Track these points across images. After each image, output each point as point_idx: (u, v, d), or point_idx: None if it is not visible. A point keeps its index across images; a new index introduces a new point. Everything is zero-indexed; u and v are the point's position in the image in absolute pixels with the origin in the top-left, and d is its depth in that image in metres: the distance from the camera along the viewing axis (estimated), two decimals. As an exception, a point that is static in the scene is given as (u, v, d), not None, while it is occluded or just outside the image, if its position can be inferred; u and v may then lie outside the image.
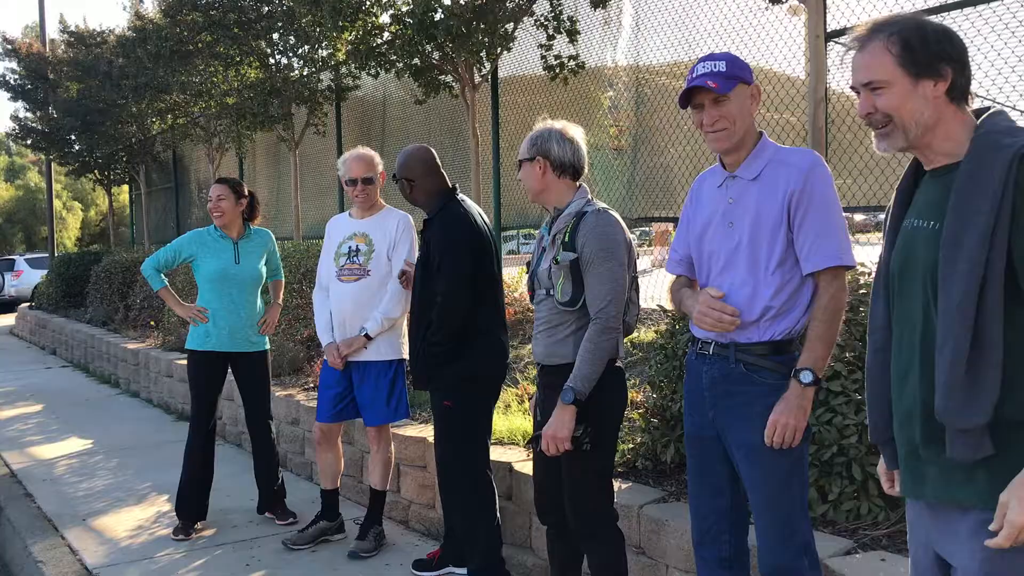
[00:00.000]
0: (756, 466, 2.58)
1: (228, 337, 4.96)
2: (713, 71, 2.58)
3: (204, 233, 5.09)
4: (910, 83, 1.84)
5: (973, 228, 1.73)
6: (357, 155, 4.52)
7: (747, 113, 2.61)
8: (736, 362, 2.60)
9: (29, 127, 17.37)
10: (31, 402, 9.42)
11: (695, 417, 2.75)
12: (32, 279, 22.01)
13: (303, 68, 10.12)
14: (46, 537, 5.03)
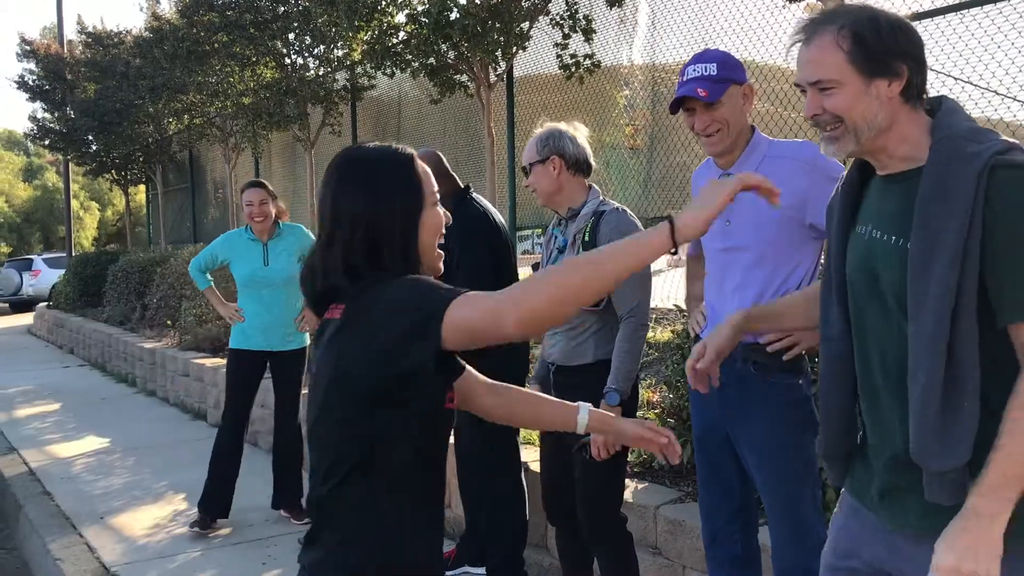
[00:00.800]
0: (768, 467, 2.55)
1: (263, 336, 5.01)
2: (704, 75, 2.53)
3: (235, 236, 5.15)
4: (862, 83, 1.66)
5: (942, 249, 1.56)
6: None
7: (740, 114, 2.56)
8: (745, 362, 2.55)
9: (47, 127, 17.49)
10: (49, 401, 9.48)
11: (703, 417, 2.73)
12: (50, 278, 22.16)
13: (319, 68, 10.15)
14: (64, 535, 5.06)
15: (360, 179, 1.73)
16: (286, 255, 5.07)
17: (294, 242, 5.14)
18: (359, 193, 1.71)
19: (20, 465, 6.70)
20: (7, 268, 25.33)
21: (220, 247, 5.15)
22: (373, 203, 1.70)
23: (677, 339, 4.39)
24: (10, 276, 24.51)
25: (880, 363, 1.73)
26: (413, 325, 1.58)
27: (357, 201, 1.71)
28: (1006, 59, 4.32)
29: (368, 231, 1.69)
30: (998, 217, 1.55)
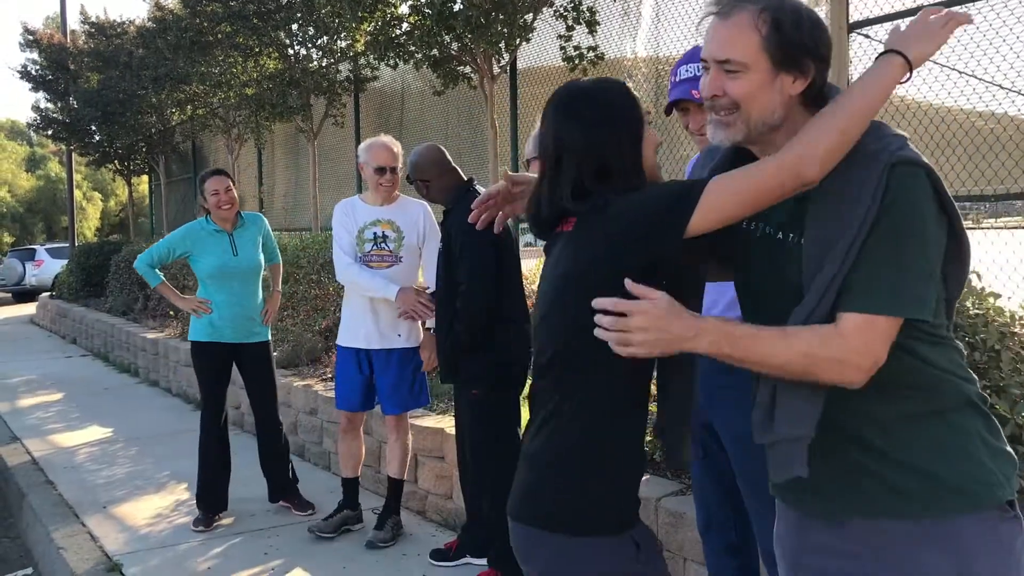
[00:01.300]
0: (748, 456, 2.54)
1: (231, 329, 4.94)
2: (697, 75, 2.50)
3: (197, 228, 4.99)
4: (770, 72, 1.58)
5: (839, 247, 1.53)
6: (384, 143, 4.50)
7: None
8: None
9: (50, 117, 17.49)
10: (52, 390, 9.50)
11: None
12: (53, 269, 22.20)
13: (322, 59, 10.13)
14: (67, 524, 5.07)
15: (588, 110, 1.84)
16: (252, 244, 5.03)
17: (256, 231, 5.09)
18: (588, 124, 1.83)
19: (23, 454, 6.72)
20: (10, 258, 25.38)
21: (180, 240, 4.98)
22: (605, 131, 1.83)
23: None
24: (13, 266, 24.56)
25: None
26: (669, 208, 1.69)
27: (587, 131, 1.83)
28: (1011, 52, 4.31)
29: (600, 157, 1.82)
30: (885, 211, 1.52)
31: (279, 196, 13.04)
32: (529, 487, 1.88)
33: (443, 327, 3.92)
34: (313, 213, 10.77)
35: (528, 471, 1.89)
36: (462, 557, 4.25)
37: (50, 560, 4.71)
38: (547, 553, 1.84)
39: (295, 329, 7.57)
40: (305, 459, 6.33)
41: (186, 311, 5.05)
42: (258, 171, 13.26)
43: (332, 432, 5.99)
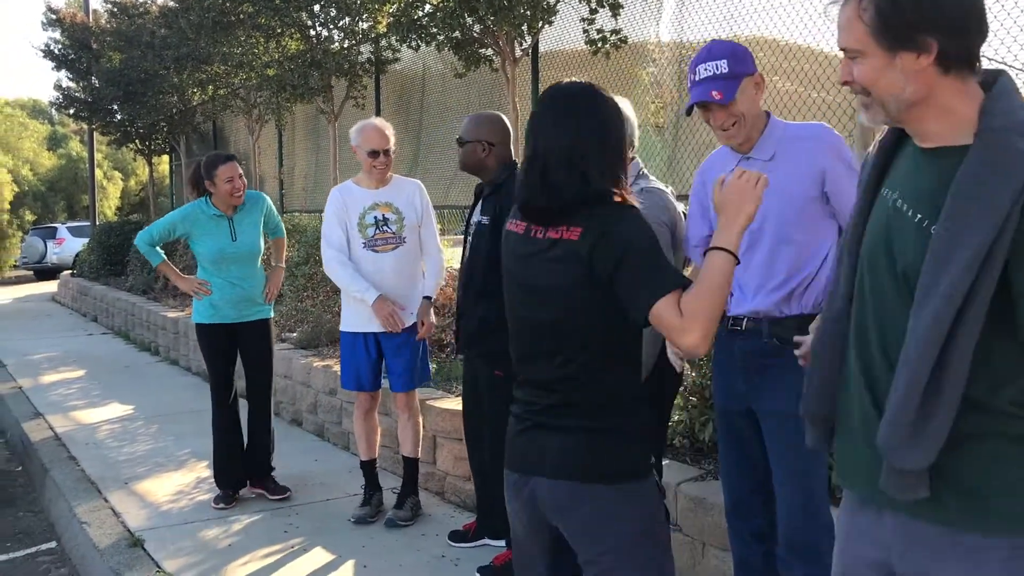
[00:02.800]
0: (783, 436, 2.62)
1: (232, 309, 4.93)
2: (716, 74, 2.59)
3: (197, 211, 4.92)
4: (885, 55, 1.57)
5: (966, 248, 1.47)
6: (375, 126, 4.49)
7: (755, 105, 2.65)
8: (770, 336, 2.66)
9: (72, 96, 17.56)
10: (73, 367, 9.59)
11: (727, 391, 2.81)
12: (74, 247, 22.36)
13: (343, 40, 10.12)
14: (90, 499, 5.14)
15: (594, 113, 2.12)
16: (252, 228, 4.99)
17: (257, 213, 5.04)
18: (598, 126, 2.11)
19: (46, 430, 6.80)
20: (32, 236, 25.59)
21: (179, 221, 4.94)
22: (612, 134, 2.13)
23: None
24: (35, 244, 24.77)
25: (878, 336, 1.66)
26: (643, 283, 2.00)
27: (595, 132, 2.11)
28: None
29: (610, 156, 2.11)
30: None
31: (299, 177, 13.06)
32: (562, 447, 2.12)
33: (469, 301, 3.90)
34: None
35: (550, 435, 2.15)
36: (480, 539, 4.27)
37: (73, 535, 4.77)
38: (587, 504, 2.10)
39: (314, 310, 7.60)
40: (324, 439, 6.38)
41: (187, 292, 5.05)
42: (278, 152, 13.28)
43: (351, 412, 6.01)
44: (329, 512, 4.82)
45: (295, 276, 8.39)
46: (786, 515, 2.65)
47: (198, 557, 4.26)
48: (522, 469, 2.21)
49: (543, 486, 2.15)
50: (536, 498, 2.18)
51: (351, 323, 4.57)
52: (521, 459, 2.22)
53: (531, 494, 2.19)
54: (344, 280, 4.47)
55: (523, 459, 2.21)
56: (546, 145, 2.12)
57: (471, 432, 4.21)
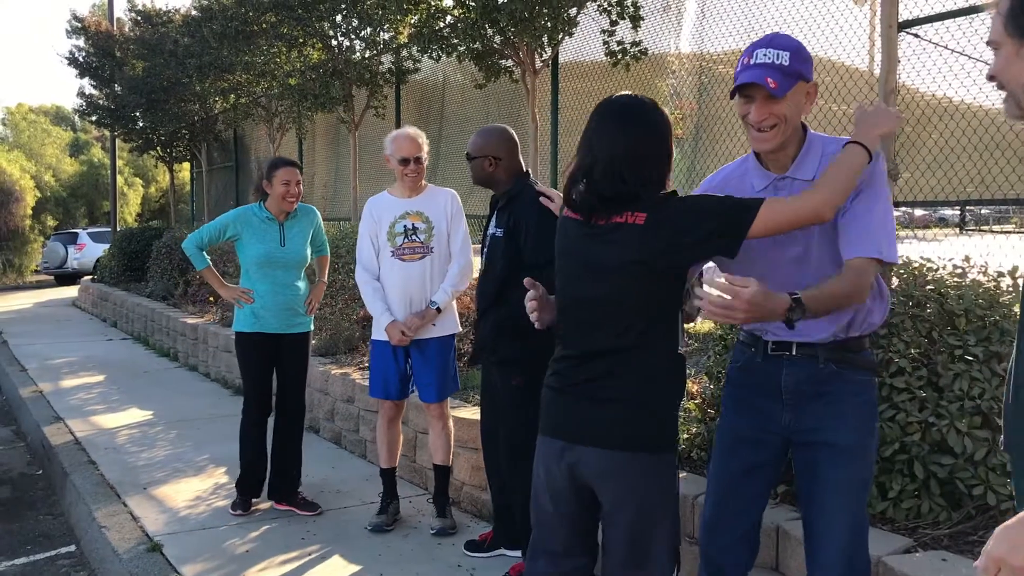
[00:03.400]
0: (841, 467, 2.44)
1: (275, 319, 4.89)
2: (775, 63, 2.32)
3: (250, 213, 4.93)
4: (1014, 45, 1.57)
5: None
6: (408, 134, 4.52)
7: (799, 113, 2.41)
8: (826, 362, 2.46)
9: (95, 103, 17.73)
10: (93, 372, 9.67)
11: (757, 418, 2.56)
12: (94, 252, 22.55)
13: (365, 50, 10.18)
14: (109, 504, 5.17)
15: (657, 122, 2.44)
16: (301, 236, 4.99)
17: (308, 224, 5.04)
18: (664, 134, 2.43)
19: (66, 434, 6.85)
20: (53, 241, 25.81)
21: (232, 220, 4.91)
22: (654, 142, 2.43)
23: (720, 330, 4.37)
24: (56, 249, 24.97)
25: None
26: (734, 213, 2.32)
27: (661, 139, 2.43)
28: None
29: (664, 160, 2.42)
30: None
31: (319, 186, 13.13)
32: (612, 418, 2.37)
33: (487, 310, 3.91)
34: (352, 203, 10.84)
35: (598, 406, 2.38)
36: (496, 549, 4.27)
37: (92, 539, 4.80)
38: (631, 471, 2.37)
39: (333, 318, 7.64)
40: (342, 446, 6.40)
41: (228, 300, 4.99)
42: (299, 161, 13.37)
43: (368, 420, 6.04)
44: (346, 520, 4.84)
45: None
46: (830, 553, 2.44)
47: (216, 562, 4.28)
48: (567, 437, 2.42)
49: (590, 454, 2.38)
50: (579, 464, 2.41)
51: (380, 331, 4.60)
52: (567, 427, 2.43)
53: (575, 461, 2.41)
54: (366, 298, 4.60)
55: (569, 427, 2.43)
56: (610, 147, 2.40)
57: (488, 442, 4.22)
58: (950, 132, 4.67)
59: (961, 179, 4.65)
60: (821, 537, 2.47)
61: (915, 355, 3.45)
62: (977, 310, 3.48)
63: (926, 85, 4.82)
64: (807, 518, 2.52)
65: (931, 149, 4.79)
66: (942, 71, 4.69)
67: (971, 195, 4.66)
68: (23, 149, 34.58)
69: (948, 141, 4.68)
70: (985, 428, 3.27)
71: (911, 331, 3.48)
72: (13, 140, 37.45)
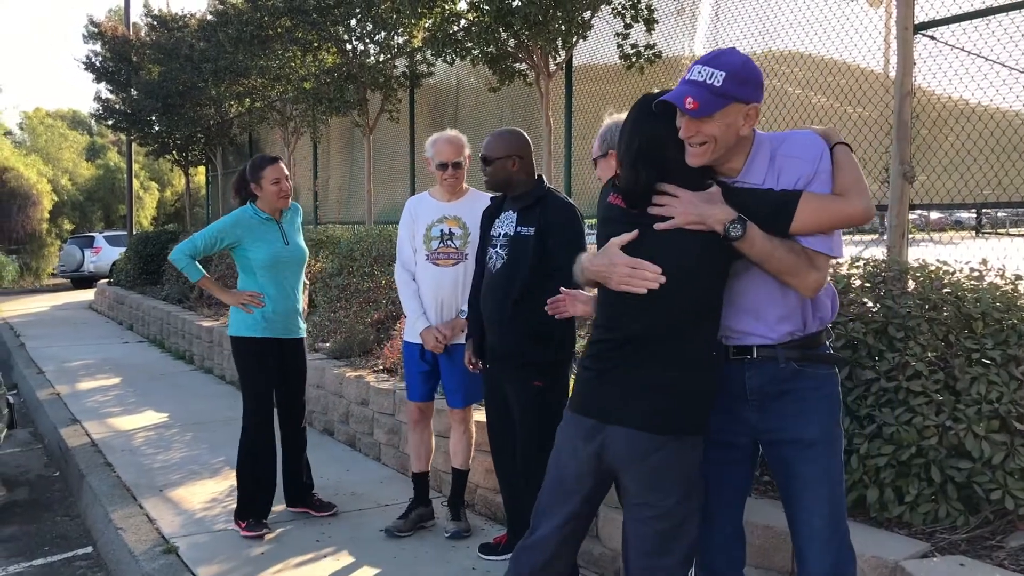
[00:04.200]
0: (811, 462, 2.49)
1: (282, 324, 4.74)
2: (706, 82, 2.33)
3: (246, 216, 4.71)
4: None
5: None
6: (448, 138, 4.49)
7: (732, 134, 2.38)
8: (786, 361, 2.50)
9: (112, 108, 17.86)
10: (109, 375, 9.73)
11: (722, 421, 2.56)
12: (111, 256, 22.70)
13: (379, 54, 10.22)
14: (125, 505, 5.20)
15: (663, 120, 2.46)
16: (297, 233, 4.89)
17: (297, 220, 4.93)
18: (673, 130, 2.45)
19: (83, 436, 6.89)
20: (70, 245, 26.01)
21: (229, 228, 4.67)
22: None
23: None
24: (72, 252, 25.16)
25: None
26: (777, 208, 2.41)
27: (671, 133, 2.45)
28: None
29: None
30: None
31: (333, 189, 13.18)
32: (649, 400, 2.43)
33: (506, 312, 3.88)
34: (367, 207, 10.88)
35: (635, 387, 2.45)
36: (511, 552, 4.25)
37: (109, 540, 4.83)
38: (662, 451, 2.43)
39: (347, 321, 7.66)
40: (356, 449, 6.41)
41: (235, 306, 4.72)
42: (313, 164, 13.42)
43: (382, 423, 6.06)
44: (361, 522, 4.85)
45: (328, 287, 8.46)
46: (814, 546, 2.48)
47: (231, 564, 4.30)
48: (601, 416, 2.48)
49: (620, 435, 2.45)
50: (609, 444, 2.47)
51: (411, 333, 4.59)
52: (601, 407, 2.49)
53: (605, 440, 2.48)
54: (403, 299, 4.60)
55: (604, 407, 2.48)
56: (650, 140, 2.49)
57: (497, 445, 4.19)
58: (967, 135, 4.64)
59: (978, 181, 4.63)
60: (803, 534, 2.52)
61: (932, 358, 3.43)
62: (994, 313, 3.46)
63: (942, 87, 4.80)
64: (788, 515, 2.59)
65: (947, 152, 4.77)
66: (958, 73, 4.67)
67: (988, 198, 4.64)
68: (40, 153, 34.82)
69: (964, 144, 4.66)
70: (1003, 432, 3.25)
71: (928, 334, 3.46)
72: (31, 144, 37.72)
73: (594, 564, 4.17)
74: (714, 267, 2.44)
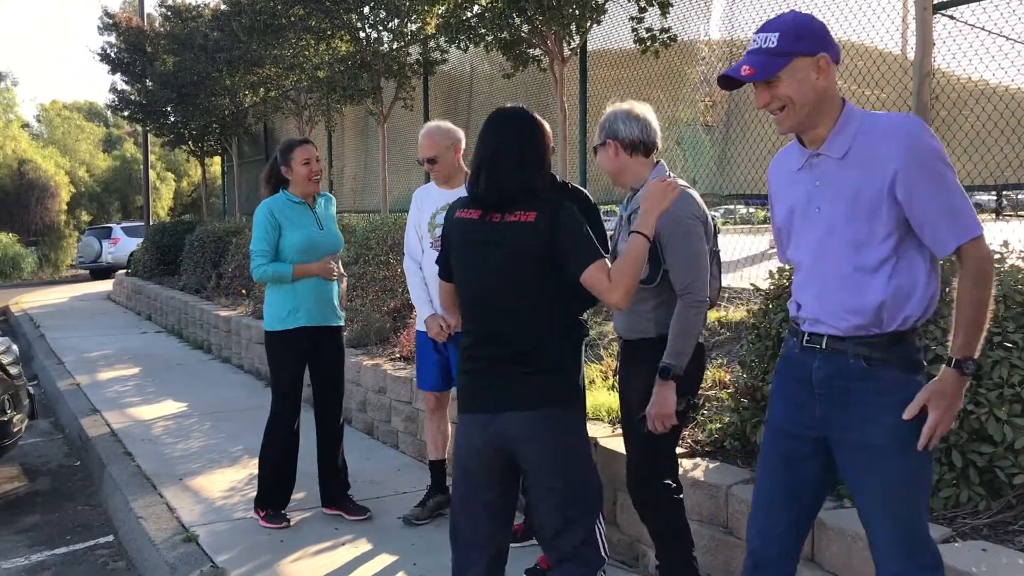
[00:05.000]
0: (878, 470, 2.33)
1: (317, 311, 4.65)
2: (762, 47, 2.30)
3: (280, 202, 4.64)
4: None
5: None
6: (424, 132, 4.44)
7: (809, 89, 2.30)
8: (856, 357, 2.35)
9: (127, 99, 17.93)
10: (128, 365, 9.79)
11: (793, 411, 2.48)
12: (128, 247, 22.83)
13: (392, 42, 10.20)
14: (145, 494, 5.23)
15: (540, 131, 2.84)
16: (332, 220, 4.81)
17: (331, 209, 4.86)
18: (543, 139, 2.83)
19: (103, 426, 6.94)
20: (88, 236, 26.18)
21: (268, 215, 4.58)
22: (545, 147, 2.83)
23: (752, 319, 4.34)
24: (90, 243, 25.33)
25: None
26: (582, 250, 2.69)
27: (541, 144, 2.82)
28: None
29: (542, 163, 2.80)
30: None
31: (348, 178, 13.19)
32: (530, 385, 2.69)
33: None
34: (382, 195, 10.88)
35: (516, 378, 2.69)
36: (529, 539, 4.27)
37: (130, 528, 4.87)
38: (551, 426, 2.69)
39: (364, 309, 7.67)
40: (374, 437, 6.43)
41: (322, 273, 4.63)
42: (328, 153, 13.43)
43: (400, 411, 6.07)
44: (379, 510, 4.86)
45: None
46: (883, 556, 2.37)
47: (250, 552, 4.32)
48: (492, 409, 2.70)
49: (514, 419, 2.67)
50: (506, 430, 2.68)
51: (422, 323, 4.59)
52: (490, 401, 2.71)
53: (500, 428, 2.69)
54: (411, 287, 4.61)
55: (492, 400, 2.71)
56: (494, 152, 2.79)
57: None
58: (987, 115, 4.59)
59: (999, 163, 4.57)
60: (870, 543, 2.41)
61: (953, 342, 3.39)
62: (1016, 296, 3.42)
63: (961, 68, 4.74)
64: (860, 520, 2.45)
65: (967, 133, 4.71)
66: (978, 53, 4.61)
67: (1008, 179, 4.59)
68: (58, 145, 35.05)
69: (985, 125, 4.60)
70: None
71: (948, 318, 3.42)
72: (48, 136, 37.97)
73: (612, 550, 4.17)
74: (553, 270, 2.71)
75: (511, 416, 2.67)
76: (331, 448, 4.84)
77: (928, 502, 2.40)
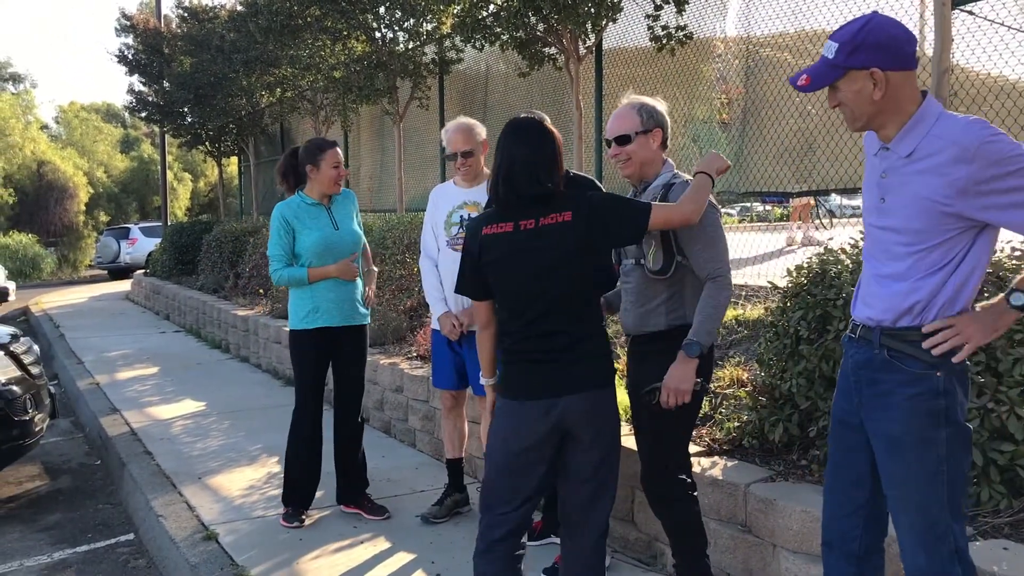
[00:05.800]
0: (896, 460, 2.38)
1: (337, 311, 4.67)
2: (825, 56, 2.34)
3: (294, 204, 4.67)
4: None
5: None
6: (456, 126, 4.43)
7: (865, 101, 2.32)
8: (880, 347, 2.41)
9: (145, 100, 18.04)
10: (147, 364, 9.85)
11: (843, 402, 2.58)
12: (146, 247, 23.00)
13: (408, 42, 10.21)
14: (165, 493, 5.27)
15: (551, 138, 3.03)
16: (349, 218, 4.80)
17: (351, 206, 4.84)
18: (554, 146, 3.02)
19: (122, 425, 6.99)
20: (106, 236, 26.36)
21: (283, 220, 4.61)
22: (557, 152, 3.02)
23: (770, 317, 4.32)
24: (109, 244, 25.51)
25: None
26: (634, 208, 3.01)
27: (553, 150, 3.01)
28: None
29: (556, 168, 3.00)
30: None
31: (364, 177, 13.22)
32: (584, 370, 2.94)
33: None
34: (398, 194, 10.90)
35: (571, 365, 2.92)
36: (546, 537, 4.27)
37: (150, 527, 4.90)
38: (602, 406, 2.97)
39: (381, 308, 7.69)
40: (391, 435, 6.45)
41: (342, 274, 4.65)
42: (344, 153, 13.45)
43: (417, 409, 6.08)
44: (397, 508, 4.87)
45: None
46: (905, 545, 2.40)
47: (270, 550, 4.34)
48: (553, 393, 2.90)
49: (575, 400, 2.90)
50: (567, 413, 2.90)
51: (437, 322, 4.60)
52: (550, 386, 2.91)
53: (563, 411, 2.90)
54: (425, 286, 4.61)
55: (552, 386, 2.91)
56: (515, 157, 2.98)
57: None
58: (1007, 111, 4.56)
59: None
60: (898, 533, 2.43)
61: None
62: (1037, 293, 3.39)
63: (980, 64, 4.71)
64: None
65: (986, 129, 4.68)
66: (998, 48, 4.58)
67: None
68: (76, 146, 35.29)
69: (1004, 120, 4.57)
70: (1047, 414, 3.19)
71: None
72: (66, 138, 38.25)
73: (629, 548, 4.17)
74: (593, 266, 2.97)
75: (572, 399, 2.91)
76: (351, 446, 4.86)
77: (955, 495, 2.37)
